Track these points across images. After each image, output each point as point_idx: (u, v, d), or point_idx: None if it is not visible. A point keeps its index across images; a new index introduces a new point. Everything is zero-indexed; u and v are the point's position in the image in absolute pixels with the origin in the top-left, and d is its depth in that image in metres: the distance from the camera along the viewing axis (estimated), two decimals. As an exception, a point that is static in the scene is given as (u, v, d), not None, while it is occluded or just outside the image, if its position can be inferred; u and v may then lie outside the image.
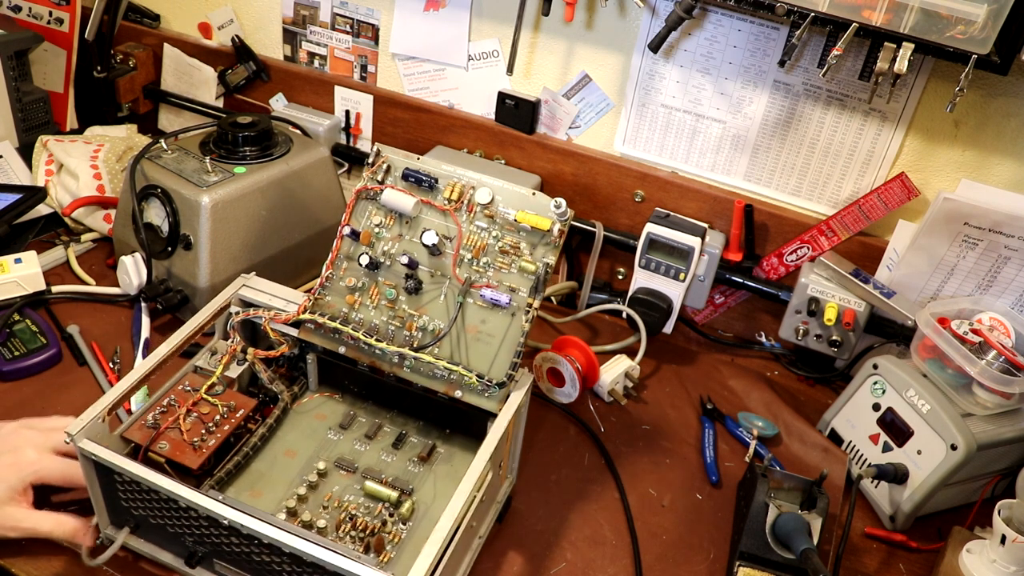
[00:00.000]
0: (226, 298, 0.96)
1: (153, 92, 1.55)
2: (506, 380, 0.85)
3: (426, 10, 1.31)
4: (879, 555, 0.97)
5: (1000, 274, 1.10)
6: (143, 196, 1.13)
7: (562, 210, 0.85)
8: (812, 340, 1.17)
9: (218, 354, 0.96)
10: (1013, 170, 1.08)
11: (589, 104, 1.28)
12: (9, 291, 1.14)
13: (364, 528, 0.82)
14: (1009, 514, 0.89)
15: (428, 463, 0.92)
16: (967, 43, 0.92)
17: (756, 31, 1.13)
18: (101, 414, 0.80)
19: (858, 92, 1.11)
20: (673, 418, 1.13)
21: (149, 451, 0.83)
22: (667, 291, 1.20)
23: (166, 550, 0.83)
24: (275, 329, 0.93)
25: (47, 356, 1.06)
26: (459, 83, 1.36)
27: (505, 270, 0.88)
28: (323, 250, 1.23)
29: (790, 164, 1.20)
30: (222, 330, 0.98)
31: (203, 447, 0.84)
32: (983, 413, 0.98)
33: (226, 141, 1.17)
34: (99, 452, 0.77)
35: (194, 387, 0.90)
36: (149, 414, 0.86)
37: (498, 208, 0.88)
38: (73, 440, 0.77)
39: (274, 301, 0.96)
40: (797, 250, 1.22)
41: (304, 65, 1.47)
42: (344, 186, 1.34)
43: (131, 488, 0.79)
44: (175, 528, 0.79)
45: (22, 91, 1.43)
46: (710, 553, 0.94)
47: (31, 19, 1.48)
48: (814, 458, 1.08)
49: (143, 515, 0.81)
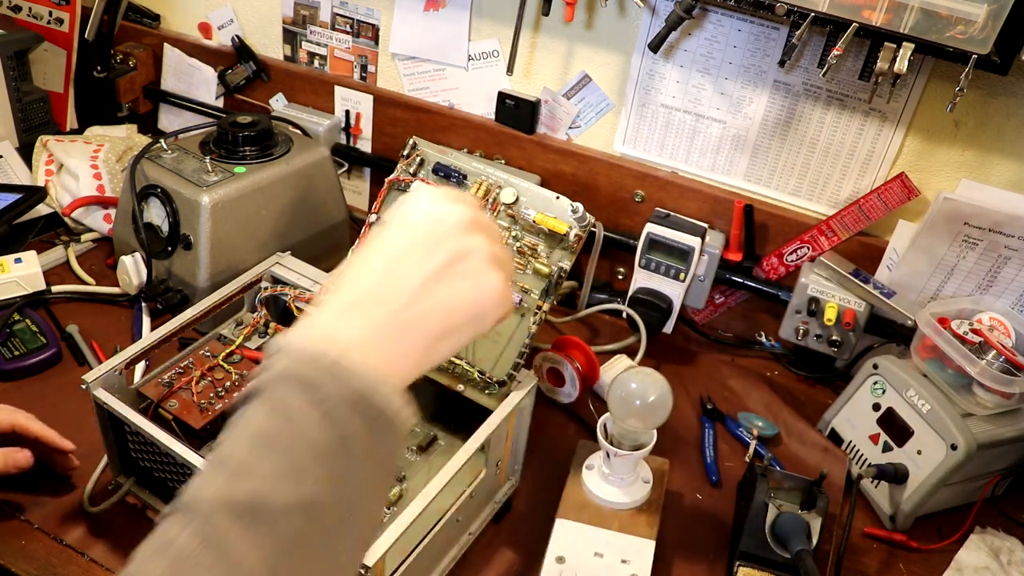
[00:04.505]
0: (258, 272, 1.01)
1: (153, 92, 1.55)
2: (507, 379, 0.85)
3: (426, 10, 1.31)
4: (879, 555, 0.97)
5: (1000, 274, 1.10)
6: (143, 196, 1.13)
7: (580, 215, 0.85)
8: (812, 340, 1.17)
9: (243, 325, 1.00)
10: (1013, 170, 1.08)
11: (589, 104, 1.28)
12: (9, 291, 1.14)
13: None
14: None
15: (426, 453, 0.93)
16: (967, 43, 0.92)
17: (756, 31, 1.13)
18: (119, 367, 0.85)
19: (858, 92, 1.11)
20: (673, 418, 1.12)
21: (160, 407, 0.88)
22: (667, 291, 1.20)
23: (166, 503, 0.87)
24: (299, 307, 0.97)
25: (47, 356, 1.06)
26: (459, 83, 1.36)
27: (520, 270, 0.88)
28: (323, 250, 1.24)
29: (790, 164, 1.20)
30: (251, 303, 1.02)
31: (210, 409, 0.89)
32: (983, 413, 0.98)
33: (226, 141, 1.17)
34: (110, 401, 0.81)
35: (214, 353, 0.95)
36: (166, 374, 0.91)
37: (521, 209, 0.89)
38: (89, 388, 0.82)
39: (303, 281, 1.00)
40: (797, 250, 1.22)
41: (304, 65, 1.46)
42: (344, 186, 1.35)
43: (137, 440, 0.84)
44: (174, 483, 0.83)
45: (22, 91, 1.43)
46: (710, 553, 0.94)
47: (31, 19, 1.48)
48: (814, 458, 1.08)
49: (149, 467, 0.85)
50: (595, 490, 0.92)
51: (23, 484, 0.90)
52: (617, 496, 0.91)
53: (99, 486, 0.91)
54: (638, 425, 0.89)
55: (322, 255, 1.21)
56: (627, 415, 0.88)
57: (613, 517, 0.90)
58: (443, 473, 0.77)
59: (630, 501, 0.91)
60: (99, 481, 0.91)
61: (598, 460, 0.94)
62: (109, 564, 0.83)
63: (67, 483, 0.92)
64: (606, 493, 0.91)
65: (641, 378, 0.89)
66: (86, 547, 0.85)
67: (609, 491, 0.91)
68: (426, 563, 0.81)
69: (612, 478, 0.92)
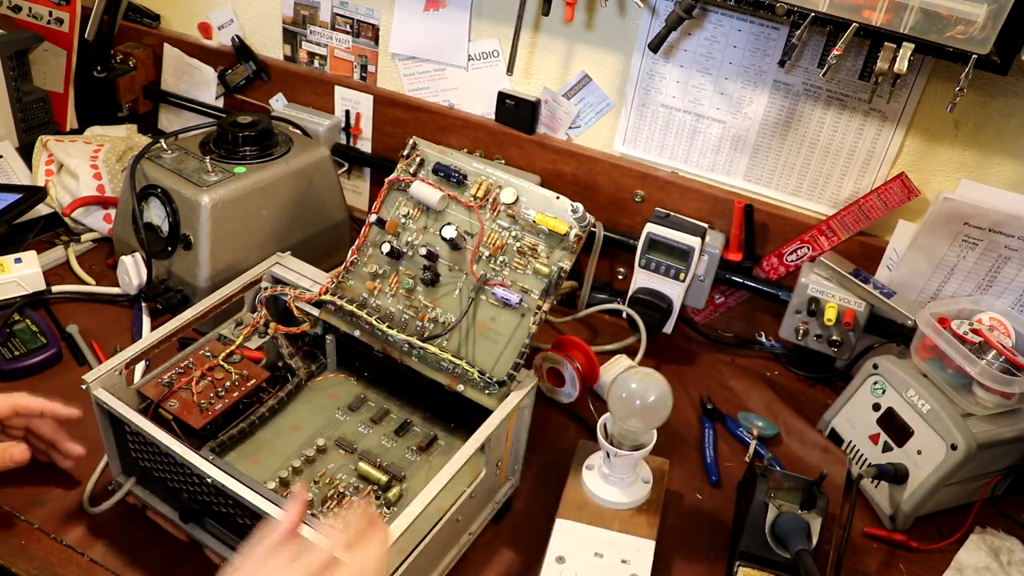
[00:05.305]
0: (258, 272, 1.00)
1: (153, 92, 1.55)
2: (507, 379, 0.85)
3: (426, 10, 1.31)
4: (879, 555, 0.97)
5: (1000, 274, 1.10)
6: (143, 196, 1.13)
7: (580, 215, 0.85)
8: (812, 340, 1.17)
9: (242, 325, 1.00)
10: (1013, 170, 1.08)
11: (589, 104, 1.28)
12: (9, 291, 1.14)
13: (349, 506, 0.85)
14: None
15: (426, 453, 0.94)
16: (967, 43, 0.92)
17: (756, 31, 1.13)
18: (119, 367, 0.85)
19: (858, 92, 1.11)
20: (673, 418, 1.12)
21: (159, 407, 0.88)
22: (667, 291, 1.20)
23: (166, 503, 0.86)
24: (299, 307, 0.97)
25: (47, 356, 1.06)
26: (459, 83, 1.36)
27: (520, 270, 0.88)
28: (323, 250, 1.24)
29: (790, 164, 1.20)
30: (251, 303, 1.02)
31: (210, 409, 0.89)
32: (983, 413, 0.98)
33: (226, 141, 1.17)
34: (110, 401, 0.81)
35: (214, 353, 0.95)
36: (166, 374, 0.91)
37: (521, 209, 0.89)
38: (89, 388, 0.82)
39: (302, 281, 1.00)
40: (797, 250, 1.22)
41: (304, 65, 1.46)
42: (344, 186, 1.35)
43: (137, 439, 0.84)
44: (173, 483, 0.83)
45: (22, 91, 1.43)
46: (710, 553, 0.94)
47: (31, 19, 1.48)
48: (814, 458, 1.08)
49: (148, 467, 0.85)
50: (595, 490, 0.92)
51: (23, 484, 0.90)
52: (617, 496, 0.91)
53: (99, 486, 0.91)
54: (638, 425, 0.89)
55: (322, 255, 1.21)
56: (627, 415, 0.88)
57: (613, 517, 0.90)
58: (443, 473, 0.77)
59: (630, 501, 0.91)
60: (99, 481, 0.91)
61: (598, 460, 0.94)
62: (109, 564, 0.83)
63: (67, 483, 0.92)
64: (606, 493, 0.91)
65: (641, 378, 0.89)
66: (86, 547, 0.85)
67: (609, 491, 0.91)
68: (426, 563, 0.81)
69: (612, 478, 0.92)
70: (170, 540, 0.86)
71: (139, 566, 0.83)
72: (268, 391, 0.97)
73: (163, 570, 0.84)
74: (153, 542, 0.86)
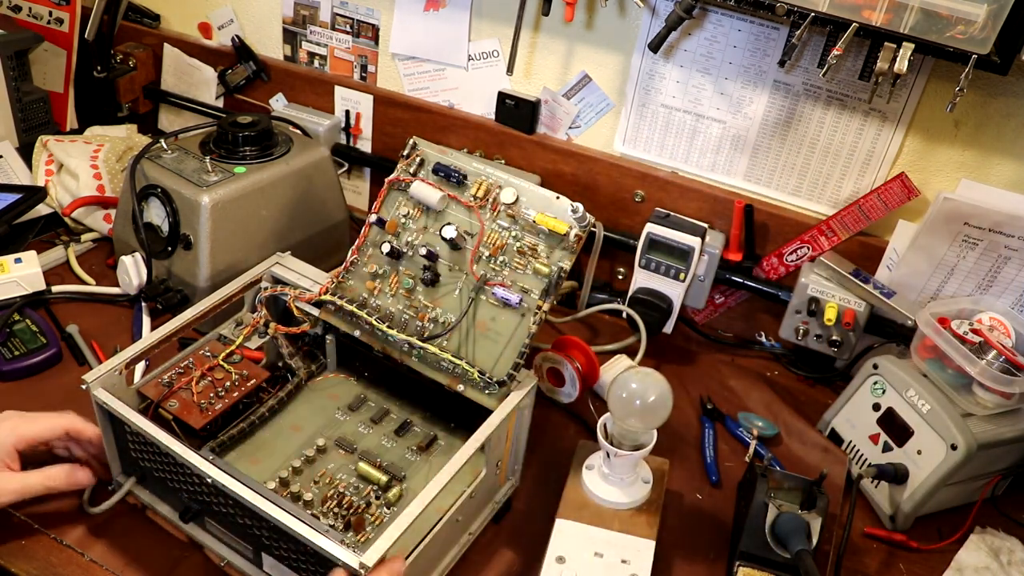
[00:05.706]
0: (258, 272, 1.01)
1: (153, 92, 1.55)
2: (507, 379, 0.85)
3: (426, 10, 1.31)
4: (879, 555, 0.97)
5: (1000, 274, 1.10)
6: (143, 196, 1.13)
7: (580, 215, 0.85)
8: (812, 340, 1.17)
9: (243, 325, 1.00)
10: (1013, 170, 1.08)
11: (589, 104, 1.28)
12: (9, 291, 1.14)
13: (349, 506, 0.85)
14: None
15: (426, 453, 0.94)
16: (967, 43, 0.92)
17: (756, 31, 1.13)
18: (118, 367, 0.85)
19: (858, 92, 1.11)
20: (673, 418, 1.12)
21: (159, 407, 0.88)
22: (667, 291, 1.20)
23: (165, 503, 0.86)
24: (299, 307, 0.97)
25: (47, 356, 1.06)
26: (459, 83, 1.36)
27: (520, 270, 0.88)
28: (323, 250, 1.24)
29: (790, 164, 1.20)
30: (251, 303, 1.02)
31: (210, 409, 0.89)
32: (983, 413, 0.98)
33: (226, 141, 1.17)
34: (110, 401, 0.81)
35: (214, 353, 0.95)
36: (166, 374, 0.91)
37: (521, 209, 0.89)
38: (89, 388, 0.82)
39: (303, 281, 1.00)
40: (797, 250, 1.22)
41: (304, 65, 1.46)
42: (344, 186, 1.35)
43: (137, 440, 0.84)
44: (173, 483, 0.83)
45: (22, 91, 1.43)
46: (710, 553, 0.94)
47: (31, 19, 1.48)
48: (814, 458, 1.08)
49: (149, 467, 0.85)
50: (595, 490, 0.92)
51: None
52: (617, 496, 0.91)
53: (99, 486, 0.90)
54: (638, 425, 0.89)
55: (322, 255, 1.21)
56: (627, 415, 0.88)
57: (613, 517, 0.90)
58: (443, 473, 0.77)
59: (630, 501, 0.91)
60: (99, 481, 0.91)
61: (598, 460, 0.94)
62: (109, 564, 0.83)
63: (67, 483, 0.92)
64: (606, 493, 0.91)
65: (641, 378, 0.89)
66: (86, 547, 0.85)
67: (609, 491, 0.91)
68: (426, 563, 0.81)
69: (612, 478, 0.92)
70: (170, 540, 0.86)
71: (139, 566, 0.83)
72: (268, 391, 0.97)
73: (163, 570, 0.84)
74: (153, 542, 0.86)
